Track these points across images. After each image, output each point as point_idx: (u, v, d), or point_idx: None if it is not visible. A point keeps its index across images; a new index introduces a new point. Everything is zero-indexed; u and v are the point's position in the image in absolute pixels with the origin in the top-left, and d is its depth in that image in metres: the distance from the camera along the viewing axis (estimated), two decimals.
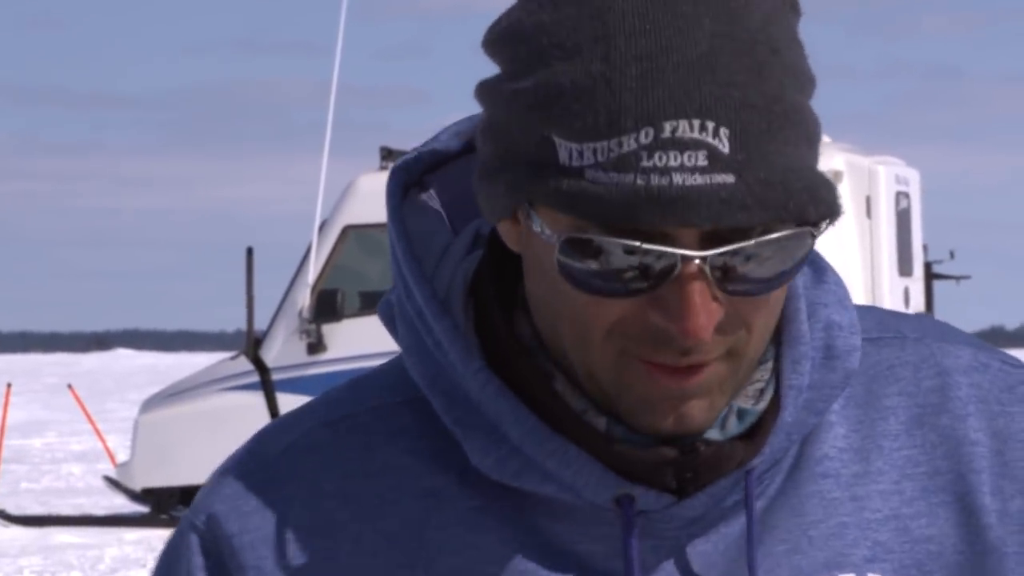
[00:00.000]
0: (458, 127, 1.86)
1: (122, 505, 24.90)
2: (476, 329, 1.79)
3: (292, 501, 1.80)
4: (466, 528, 1.81)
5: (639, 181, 1.64)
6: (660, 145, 1.63)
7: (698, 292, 1.66)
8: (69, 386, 32.47)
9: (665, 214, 1.64)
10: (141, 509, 23.93)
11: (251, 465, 1.85)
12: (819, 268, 1.86)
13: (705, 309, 1.66)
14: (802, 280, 1.83)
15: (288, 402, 20.61)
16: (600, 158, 1.66)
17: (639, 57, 1.64)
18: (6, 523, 24.60)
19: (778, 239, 1.67)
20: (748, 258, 1.67)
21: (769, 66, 1.66)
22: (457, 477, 1.81)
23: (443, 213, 1.85)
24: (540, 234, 1.70)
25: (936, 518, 1.85)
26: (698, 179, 1.64)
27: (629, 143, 1.63)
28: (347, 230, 21.73)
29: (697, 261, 1.66)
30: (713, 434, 1.74)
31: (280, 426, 1.88)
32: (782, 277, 1.71)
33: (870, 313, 1.92)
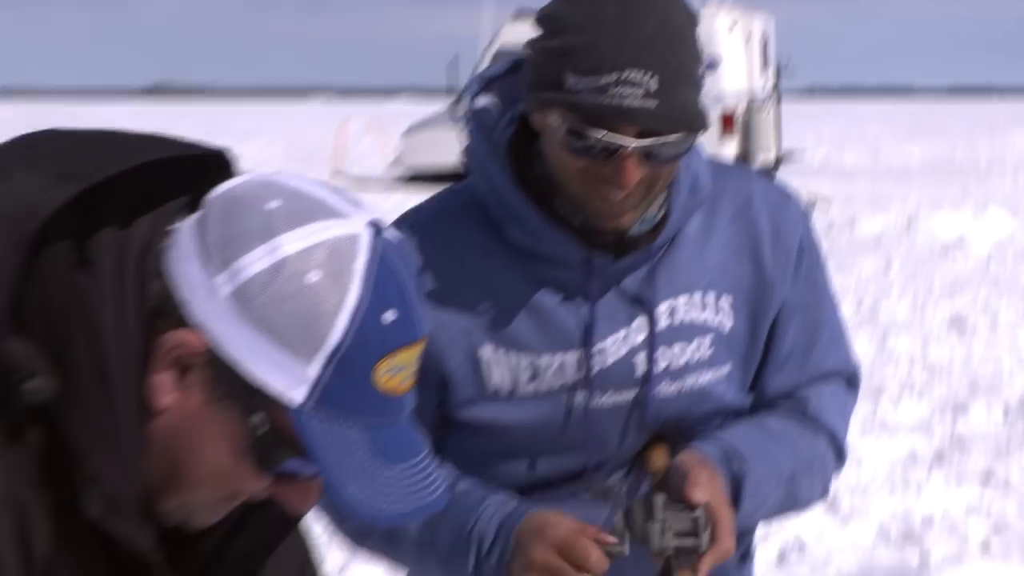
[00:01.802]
0: (504, 62, 2.76)
1: None
2: (512, 163, 2.69)
3: (419, 256, 2.70)
4: (505, 269, 2.75)
5: (607, 101, 2.55)
6: (619, 82, 2.54)
7: (630, 164, 2.57)
8: None
9: (616, 119, 2.55)
10: None
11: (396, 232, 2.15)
12: (693, 150, 2.72)
13: (631, 173, 2.58)
14: (685, 159, 2.70)
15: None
16: (588, 86, 2.56)
17: (613, 35, 2.55)
18: None
19: (675, 139, 2.59)
20: (659, 147, 2.58)
21: (679, 48, 2.58)
22: (499, 244, 2.75)
23: (499, 102, 2.74)
24: (552, 124, 2.60)
25: (741, 264, 2.83)
26: (637, 102, 2.55)
27: (605, 79, 2.55)
28: (499, 52, 29.43)
29: (631, 147, 2.56)
30: (633, 230, 2.71)
31: (409, 212, 2.82)
32: (674, 159, 2.63)
33: (712, 162, 2.84)
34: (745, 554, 2.98)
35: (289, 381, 1.74)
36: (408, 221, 2.77)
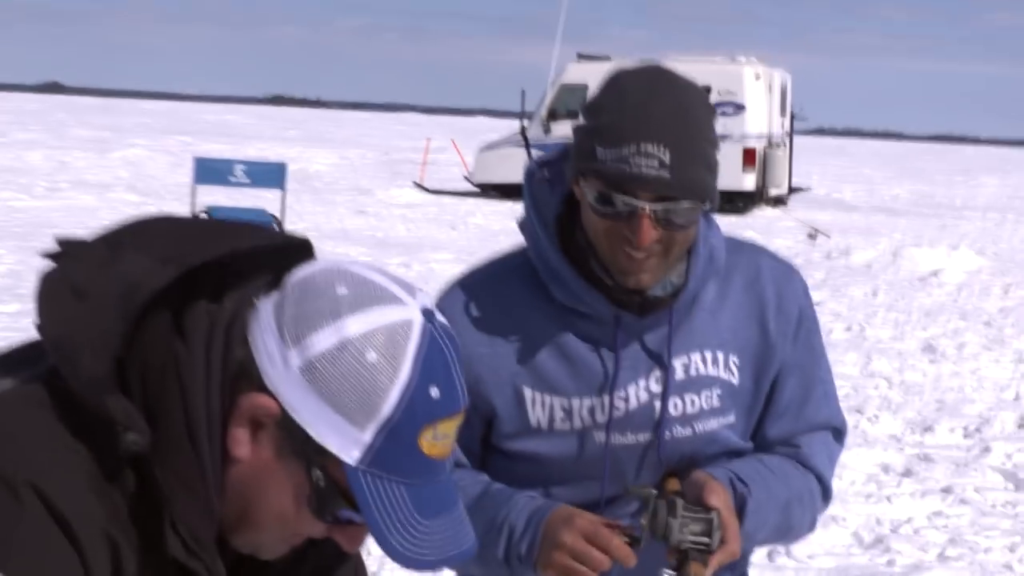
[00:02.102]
0: (556, 148, 2.80)
1: None
2: (558, 233, 2.72)
3: (477, 308, 2.76)
4: (547, 322, 2.75)
5: (626, 168, 2.56)
6: (637, 153, 2.55)
7: (646, 224, 2.57)
8: None
9: (634, 185, 2.56)
10: None
11: (457, 292, 2.77)
12: (709, 218, 2.72)
13: (647, 232, 2.57)
14: (702, 227, 2.71)
15: (535, 153, 31.75)
16: (612, 156, 2.57)
17: (634, 114, 2.57)
18: None
19: (685, 207, 2.58)
20: (671, 212, 2.58)
21: (693, 130, 2.58)
22: (543, 302, 2.75)
23: (549, 183, 2.76)
24: (586, 191, 2.63)
25: (749, 328, 2.80)
26: (652, 171, 2.55)
27: (625, 151, 2.56)
28: (562, 86, 31.64)
29: (647, 208, 2.57)
30: (656, 291, 2.69)
31: (471, 271, 2.82)
32: (686, 226, 2.61)
33: (728, 238, 2.79)
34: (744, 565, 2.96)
35: (346, 444, 1.75)
36: (470, 279, 2.79)
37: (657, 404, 2.73)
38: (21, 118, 73.80)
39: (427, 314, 1.78)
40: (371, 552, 1.99)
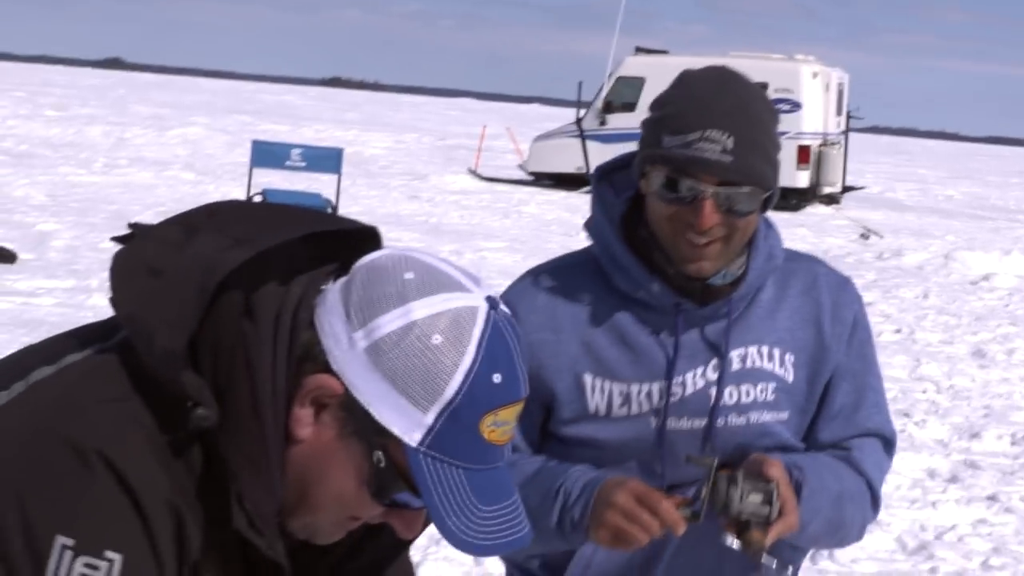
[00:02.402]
0: (617, 157, 2.86)
1: None
2: (622, 229, 2.77)
3: (544, 297, 2.81)
4: (609, 311, 2.79)
5: (691, 153, 2.65)
6: (702, 139, 2.64)
7: (708, 207, 2.65)
8: None
9: (698, 169, 2.65)
10: None
11: (527, 282, 2.84)
12: (769, 221, 2.80)
13: (709, 216, 2.65)
14: (762, 227, 2.78)
15: (590, 144, 30.35)
16: (678, 143, 2.66)
17: (699, 104, 2.68)
18: None
19: (746, 192, 2.66)
20: (732, 197, 2.66)
21: (755, 122, 2.68)
22: (606, 293, 2.80)
23: (612, 188, 2.84)
24: (651, 180, 2.70)
25: (805, 330, 2.84)
26: (715, 156, 2.63)
27: (690, 136, 2.65)
28: (619, 78, 31.40)
29: (709, 192, 2.65)
30: (716, 280, 2.74)
31: (539, 265, 2.89)
32: (747, 214, 2.68)
33: (786, 248, 2.84)
34: (798, 568, 2.99)
35: (408, 426, 1.76)
36: (538, 270, 2.89)
37: (713, 391, 2.78)
38: (82, 93, 74.12)
39: (492, 302, 1.81)
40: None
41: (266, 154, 19.53)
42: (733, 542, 2.65)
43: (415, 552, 6.42)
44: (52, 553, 1.71)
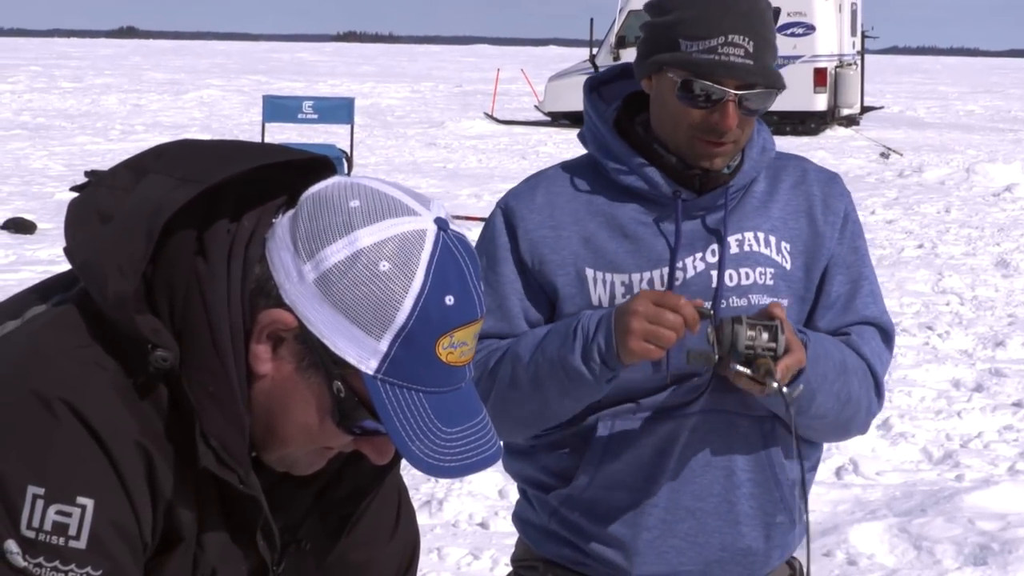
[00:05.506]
0: (609, 68, 2.99)
1: None
2: (619, 128, 2.88)
3: (543, 196, 2.89)
4: (608, 205, 2.88)
5: (716, 58, 2.74)
6: (725, 43, 2.74)
7: (731, 110, 2.76)
8: None
9: (722, 73, 2.74)
10: None
11: (526, 184, 2.94)
12: (760, 123, 2.92)
13: (732, 118, 2.75)
14: (756, 122, 2.88)
15: None
16: (700, 48, 2.75)
17: (718, 8, 2.75)
18: None
19: (762, 93, 2.78)
20: (750, 99, 2.76)
21: (768, 23, 2.77)
22: (604, 188, 2.90)
23: (602, 97, 2.96)
24: (665, 84, 2.79)
25: (798, 221, 2.92)
26: (738, 60, 2.74)
27: (714, 42, 2.74)
28: (630, 12, 31.01)
29: (733, 95, 2.76)
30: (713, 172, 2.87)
31: (541, 170, 2.99)
32: (761, 109, 2.79)
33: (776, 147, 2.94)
34: (813, 467, 3.00)
35: (363, 354, 1.76)
36: (539, 173, 2.96)
37: (714, 274, 2.82)
38: (97, 63, 74.18)
39: (441, 224, 1.78)
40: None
41: (278, 108, 19.56)
42: (744, 370, 2.68)
43: (439, 488, 6.45)
44: (24, 504, 1.72)
